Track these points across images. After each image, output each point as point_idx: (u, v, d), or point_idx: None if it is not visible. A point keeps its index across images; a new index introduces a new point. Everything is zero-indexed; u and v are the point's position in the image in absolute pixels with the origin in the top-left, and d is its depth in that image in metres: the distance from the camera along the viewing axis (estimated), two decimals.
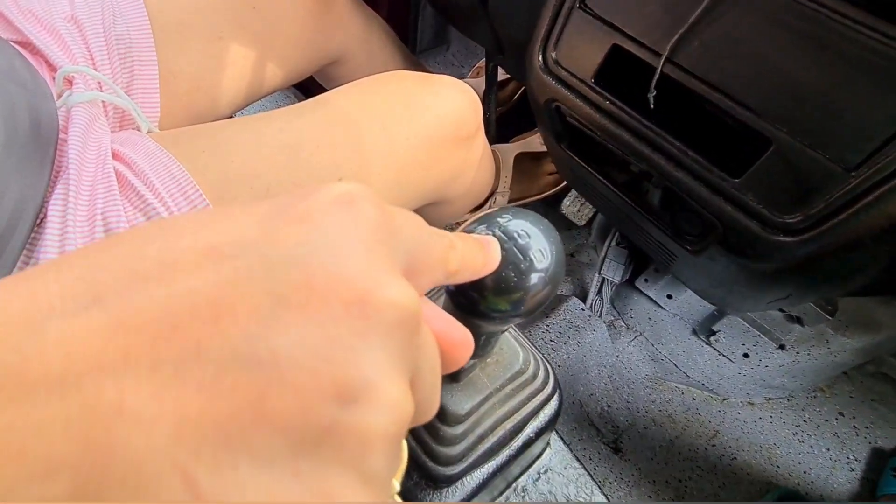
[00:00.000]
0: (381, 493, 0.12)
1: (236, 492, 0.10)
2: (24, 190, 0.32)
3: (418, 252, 0.16)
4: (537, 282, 0.23)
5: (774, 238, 0.40)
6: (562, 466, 0.52)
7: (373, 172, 0.42)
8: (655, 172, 0.46)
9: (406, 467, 0.39)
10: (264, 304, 0.11)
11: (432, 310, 0.18)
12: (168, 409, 0.10)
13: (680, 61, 0.42)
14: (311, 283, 0.12)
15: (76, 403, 0.10)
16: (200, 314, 0.11)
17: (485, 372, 0.37)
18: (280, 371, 0.11)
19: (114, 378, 0.10)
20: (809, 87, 0.36)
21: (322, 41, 0.66)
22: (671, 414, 0.86)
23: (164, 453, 0.10)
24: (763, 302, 0.55)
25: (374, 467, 0.12)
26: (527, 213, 0.24)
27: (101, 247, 0.12)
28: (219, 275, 0.12)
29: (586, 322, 0.92)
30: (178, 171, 0.36)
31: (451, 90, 0.48)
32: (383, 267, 0.13)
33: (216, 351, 0.11)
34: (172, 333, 0.11)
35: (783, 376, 0.85)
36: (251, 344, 0.11)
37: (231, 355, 0.11)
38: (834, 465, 0.82)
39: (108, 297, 0.11)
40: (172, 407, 0.10)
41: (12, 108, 0.32)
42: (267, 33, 0.57)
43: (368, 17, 0.75)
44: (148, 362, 0.10)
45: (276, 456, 0.11)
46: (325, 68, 0.72)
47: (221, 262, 0.12)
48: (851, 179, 0.35)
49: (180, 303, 0.11)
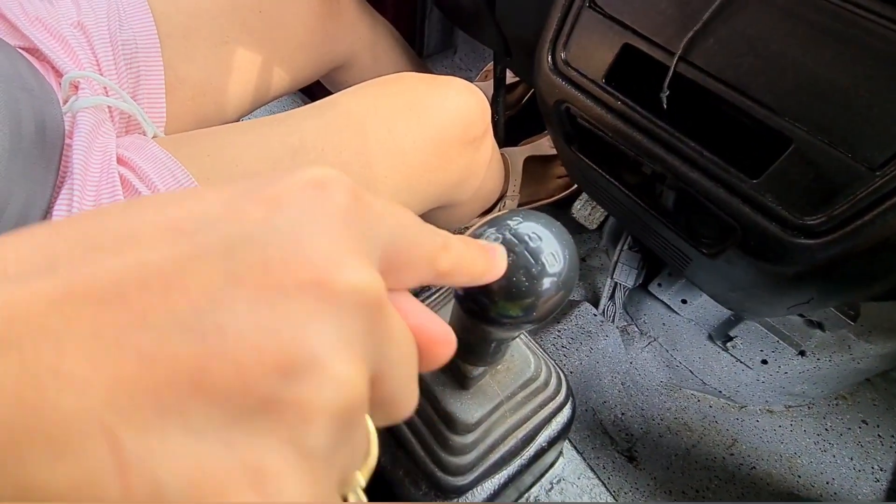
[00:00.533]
0: (322, 473, 0.12)
1: (162, 458, 0.10)
2: (29, 195, 0.32)
3: (400, 245, 0.16)
4: (549, 286, 0.22)
5: (795, 240, 0.39)
6: (575, 476, 0.51)
7: (380, 175, 0.41)
8: (669, 174, 0.45)
9: (414, 477, 0.38)
10: (217, 280, 0.11)
11: (411, 304, 0.17)
12: (104, 374, 0.10)
13: (694, 59, 0.41)
14: (267, 263, 0.12)
15: (14, 363, 0.10)
16: (150, 286, 0.11)
17: (495, 379, 0.36)
18: (224, 344, 0.11)
19: (55, 342, 0.10)
20: (830, 84, 0.35)
21: (328, 45, 0.66)
22: (687, 422, 0.84)
23: (93, 415, 0.10)
24: (783, 307, 0.54)
25: (313, 443, 0.11)
26: (538, 216, 0.23)
27: (66, 220, 0.12)
28: (175, 249, 0.12)
29: (599, 328, 0.90)
30: (182, 176, 0.36)
31: (458, 91, 0.47)
32: (346, 250, 0.13)
33: (161, 321, 0.11)
34: (119, 302, 0.11)
35: (803, 383, 0.82)
36: (198, 317, 0.11)
37: (176, 326, 0.11)
38: (858, 475, 0.79)
39: (61, 266, 0.11)
40: (109, 372, 0.10)
41: (18, 114, 0.32)
42: (273, 38, 0.57)
43: (375, 22, 0.75)
44: (91, 329, 0.10)
45: (209, 426, 0.11)
46: (331, 73, 0.72)
47: (180, 237, 0.12)
48: (876, 179, 0.34)
49: (132, 274, 0.11)
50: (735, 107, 0.39)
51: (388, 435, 0.39)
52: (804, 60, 0.36)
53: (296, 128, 0.40)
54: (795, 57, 0.36)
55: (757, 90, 0.38)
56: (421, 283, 0.18)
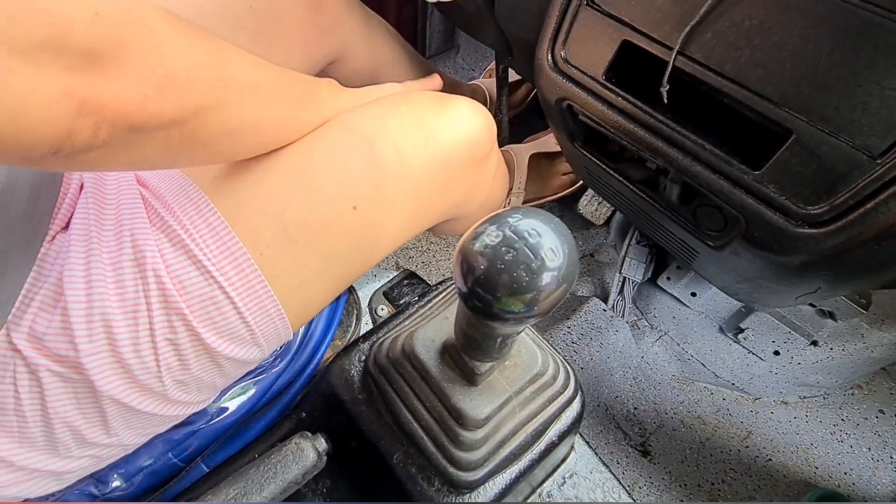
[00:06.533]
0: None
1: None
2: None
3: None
4: (550, 281, 0.23)
5: (800, 230, 0.39)
6: (587, 471, 0.51)
7: (388, 197, 0.42)
8: (672, 167, 0.46)
9: (427, 473, 0.38)
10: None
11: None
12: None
13: (692, 53, 0.41)
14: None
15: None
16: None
17: (503, 375, 0.37)
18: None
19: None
20: (830, 74, 0.35)
21: (322, 37, 0.66)
22: (700, 415, 0.84)
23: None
24: (792, 297, 0.53)
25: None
26: (537, 212, 0.24)
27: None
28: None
29: (608, 323, 0.90)
30: (196, 195, 0.36)
31: (466, 113, 0.46)
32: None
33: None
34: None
35: (817, 374, 0.82)
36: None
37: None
38: (876, 464, 0.78)
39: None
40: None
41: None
42: (266, 33, 0.57)
43: (368, 14, 0.75)
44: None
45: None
46: (327, 68, 0.72)
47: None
48: (878, 167, 0.34)
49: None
50: (735, 99, 0.40)
51: (399, 432, 0.39)
52: (803, 51, 0.36)
53: (304, 149, 0.40)
54: (794, 48, 0.36)
55: (756, 82, 0.38)
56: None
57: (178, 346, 0.35)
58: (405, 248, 1.05)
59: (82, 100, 0.24)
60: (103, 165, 0.28)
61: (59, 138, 0.24)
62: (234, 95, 0.32)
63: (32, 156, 0.24)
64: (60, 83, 0.23)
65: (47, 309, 0.32)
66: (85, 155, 0.26)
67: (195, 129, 0.30)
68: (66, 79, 0.23)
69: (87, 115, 0.24)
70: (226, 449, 0.47)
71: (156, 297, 0.34)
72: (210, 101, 0.30)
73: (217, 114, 0.31)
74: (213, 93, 0.30)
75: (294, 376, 0.51)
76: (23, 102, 0.22)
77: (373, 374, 0.41)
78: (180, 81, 0.28)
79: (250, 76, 0.33)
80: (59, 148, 0.24)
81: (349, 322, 0.60)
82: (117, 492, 0.42)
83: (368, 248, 0.43)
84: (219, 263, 0.35)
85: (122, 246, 0.34)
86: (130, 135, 0.27)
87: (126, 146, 0.27)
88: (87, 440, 0.35)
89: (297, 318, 0.42)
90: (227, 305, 0.36)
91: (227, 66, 0.31)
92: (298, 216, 0.38)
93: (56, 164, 0.26)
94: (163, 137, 0.29)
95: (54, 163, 0.26)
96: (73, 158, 0.26)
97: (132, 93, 0.26)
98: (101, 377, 0.33)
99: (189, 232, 0.35)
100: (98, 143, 0.26)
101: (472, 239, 0.24)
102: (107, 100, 0.25)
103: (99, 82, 0.24)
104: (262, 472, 0.37)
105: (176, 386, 0.37)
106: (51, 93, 0.23)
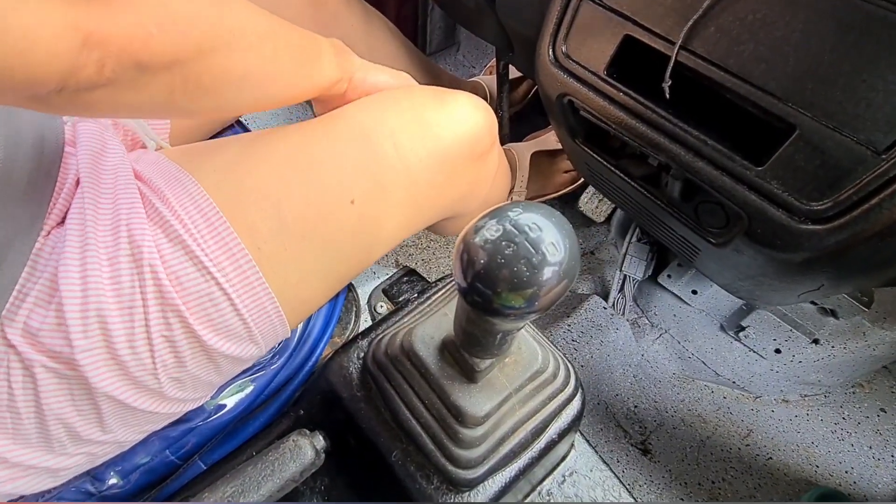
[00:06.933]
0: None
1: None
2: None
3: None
4: (551, 276, 0.22)
5: (802, 227, 0.38)
6: (588, 469, 0.51)
7: (386, 192, 0.41)
8: (674, 164, 0.45)
9: (426, 471, 0.38)
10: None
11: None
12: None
13: (695, 48, 0.40)
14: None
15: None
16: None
17: (503, 372, 0.37)
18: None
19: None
20: (834, 69, 0.35)
21: (320, 33, 0.66)
22: (701, 413, 0.84)
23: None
24: (793, 294, 0.53)
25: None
26: (538, 206, 0.24)
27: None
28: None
29: (609, 321, 0.90)
30: (193, 189, 0.36)
31: (466, 108, 0.46)
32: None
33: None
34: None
35: (818, 372, 0.81)
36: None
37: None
38: (878, 463, 0.78)
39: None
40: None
41: (18, 126, 0.33)
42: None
43: (367, 11, 0.75)
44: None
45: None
46: None
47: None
48: (882, 163, 0.34)
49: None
50: (738, 94, 0.39)
51: (398, 429, 0.39)
52: (807, 46, 0.35)
53: (302, 143, 0.40)
54: (798, 42, 0.36)
55: (760, 77, 0.38)
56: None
57: (175, 343, 0.35)
58: (405, 245, 1.04)
59: (88, 33, 0.24)
60: (108, 107, 0.29)
61: (65, 73, 0.24)
62: (237, 41, 0.32)
63: (39, 92, 0.25)
64: (66, 16, 0.23)
65: (42, 304, 0.32)
66: (90, 94, 0.26)
67: (198, 72, 0.30)
68: (72, 12, 0.24)
69: (92, 49, 0.25)
70: (223, 446, 0.47)
71: (152, 293, 0.33)
72: (213, 43, 0.30)
73: (220, 58, 0.31)
74: (216, 36, 0.31)
75: (292, 373, 0.51)
76: (31, 35, 0.22)
77: (371, 371, 0.41)
78: (182, 22, 0.28)
79: (255, 25, 0.34)
80: (65, 84, 0.25)
81: (348, 319, 0.60)
82: (114, 489, 0.42)
83: (366, 243, 0.43)
84: (216, 259, 0.35)
85: (119, 241, 0.34)
86: (135, 73, 0.27)
87: (131, 85, 0.28)
88: (82, 437, 0.35)
89: (295, 315, 0.42)
90: (224, 302, 0.35)
91: (230, 12, 0.32)
92: (296, 210, 0.38)
93: (61, 104, 0.26)
94: (167, 79, 0.29)
95: (59, 101, 0.26)
96: (78, 97, 0.26)
97: (136, 29, 0.26)
98: (95, 374, 0.32)
99: (186, 227, 0.35)
100: (103, 80, 0.26)
101: (472, 233, 0.24)
102: (111, 34, 0.25)
103: (104, 16, 0.25)
104: (260, 469, 0.36)
105: (172, 383, 0.36)
106: (58, 25, 0.23)
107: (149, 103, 0.30)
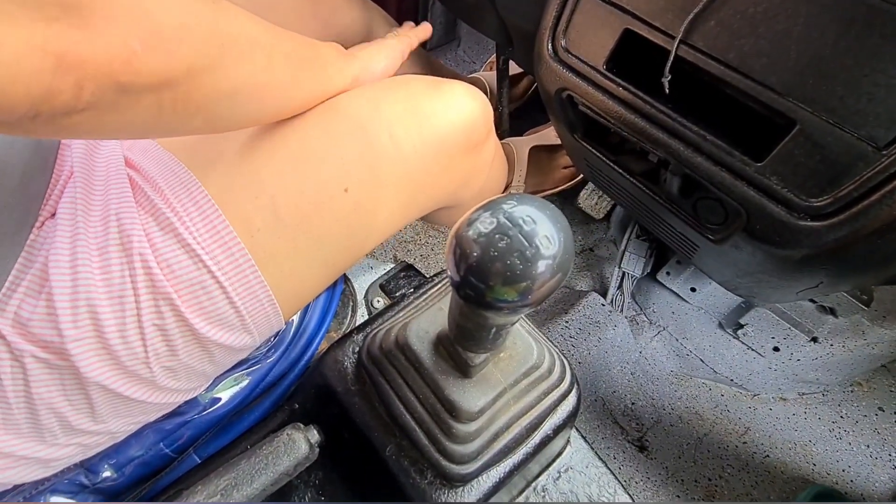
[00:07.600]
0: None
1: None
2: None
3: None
4: (545, 270, 0.22)
5: (802, 223, 0.38)
6: (583, 465, 0.50)
7: (380, 181, 0.41)
8: (673, 159, 0.45)
9: (419, 466, 0.38)
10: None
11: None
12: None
13: (695, 43, 0.40)
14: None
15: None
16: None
17: (498, 367, 0.36)
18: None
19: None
20: (836, 63, 0.34)
21: (319, 29, 0.66)
22: (698, 411, 0.84)
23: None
24: (792, 292, 0.53)
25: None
26: (532, 199, 0.23)
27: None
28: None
29: (607, 318, 0.90)
30: (186, 177, 0.36)
31: (462, 97, 0.45)
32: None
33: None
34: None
35: (817, 370, 0.81)
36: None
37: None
38: (874, 462, 0.78)
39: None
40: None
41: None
42: None
43: (367, 6, 0.75)
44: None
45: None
46: None
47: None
48: (883, 159, 0.33)
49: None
50: (738, 89, 0.39)
51: (392, 424, 0.39)
52: (808, 40, 0.35)
53: (296, 134, 0.39)
54: (799, 36, 0.35)
55: (760, 72, 0.38)
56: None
57: (166, 332, 0.34)
58: (403, 240, 1.04)
59: (59, 55, 0.22)
60: (92, 130, 0.27)
61: (36, 99, 0.22)
62: (229, 54, 0.29)
63: (8, 119, 0.23)
64: (32, 36, 0.21)
65: (33, 294, 0.32)
66: (69, 118, 0.24)
67: (188, 91, 0.28)
68: (40, 31, 0.21)
69: (66, 72, 0.22)
70: (218, 440, 0.47)
71: (143, 281, 0.33)
72: (203, 60, 0.28)
73: (211, 75, 0.29)
74: (207, 51, 0.28)
75: (288, 368, 0.50)
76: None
77: (366, 365, 0.41)
78: (169, 38, 0.26)
79: (247, 34, 0.31)
80: (38, 110, 0.23)
81: (345, 314, 0.60)
82: (108, 482, 0.42)
83: (361, 233, 0.42)
84: (208, 247, 0.35)
85: (109, 230, 0.34)
86: (117, 96, 0.25)
87: (113, 108, 0.25)
88: (74, 427, 0.34)
89: (289, 305, 0.41)
90: (216, 290, 0.35)
91: (220, 22, 0.29)
92: (289, 199, 0.37)
93: (39, 130, 0.24)
94: (154, 100, 0.27)
95: (36, 128, 0.24)
96: (57, 122, 0.24)
97: (116, 48, 0.24)
98: (86, 363, 0.32)
99: (178, 214, 0.35)
100: (82, 104, 0.24)
101: (465, 226, 0.23)
102: (88, 55, 0.23)
103: (78, 36, 0.22)
104: (254, 463, 0.36)
105: (164, 373, 0.36)
106: (20, 46, 0.21)
107: (134, 125, 0.28)
